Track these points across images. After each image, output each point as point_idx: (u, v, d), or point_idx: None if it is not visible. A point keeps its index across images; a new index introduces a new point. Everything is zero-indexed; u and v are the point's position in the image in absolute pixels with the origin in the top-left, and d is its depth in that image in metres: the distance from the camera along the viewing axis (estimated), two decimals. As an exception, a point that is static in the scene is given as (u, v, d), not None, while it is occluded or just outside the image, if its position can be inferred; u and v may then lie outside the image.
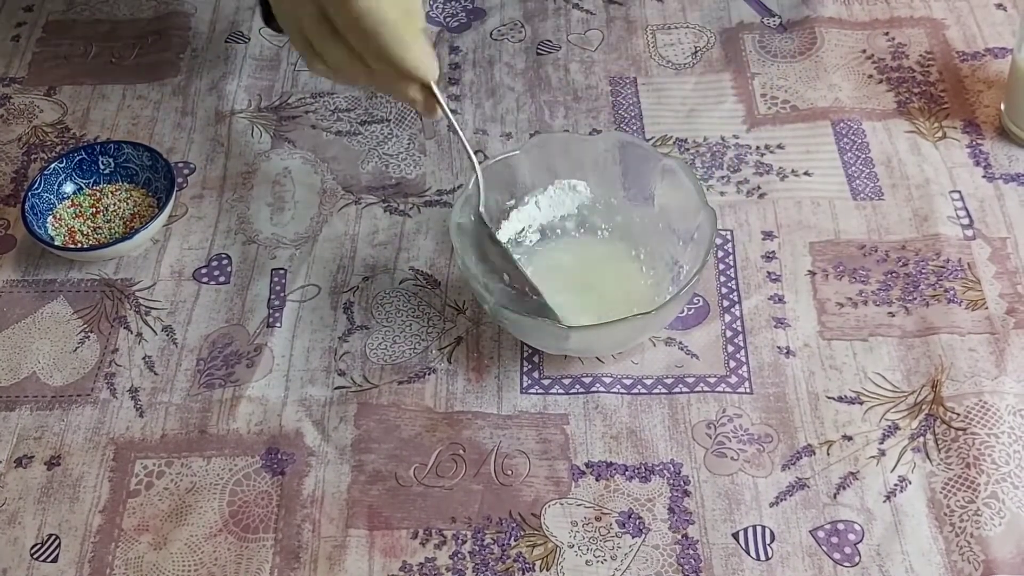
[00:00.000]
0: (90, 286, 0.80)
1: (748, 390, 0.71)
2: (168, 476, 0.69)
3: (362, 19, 0.62)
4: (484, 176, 0.73)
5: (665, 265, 0.75)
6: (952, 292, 0.76)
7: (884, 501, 0.66)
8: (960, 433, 0.68)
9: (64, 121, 0.91)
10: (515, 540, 0.66)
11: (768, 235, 0.80)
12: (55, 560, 0.66)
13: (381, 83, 0.67)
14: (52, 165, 0.83)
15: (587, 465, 0.69)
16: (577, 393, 0.72)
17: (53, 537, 0.67)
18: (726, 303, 0.76)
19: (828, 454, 0.68)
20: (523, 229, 0.78)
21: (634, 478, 0.68)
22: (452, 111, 0.90)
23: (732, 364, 0.73)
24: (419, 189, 0.85)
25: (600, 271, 0.76)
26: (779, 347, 0.74)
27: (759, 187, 0.83)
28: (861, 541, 0.65)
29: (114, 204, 0.83)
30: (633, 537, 0.66)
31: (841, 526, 0.65)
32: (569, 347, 0.71)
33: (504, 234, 0.77)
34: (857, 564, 0.64)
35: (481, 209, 0.72)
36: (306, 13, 0.65)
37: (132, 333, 0.77)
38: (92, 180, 0.84)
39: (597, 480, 0.68)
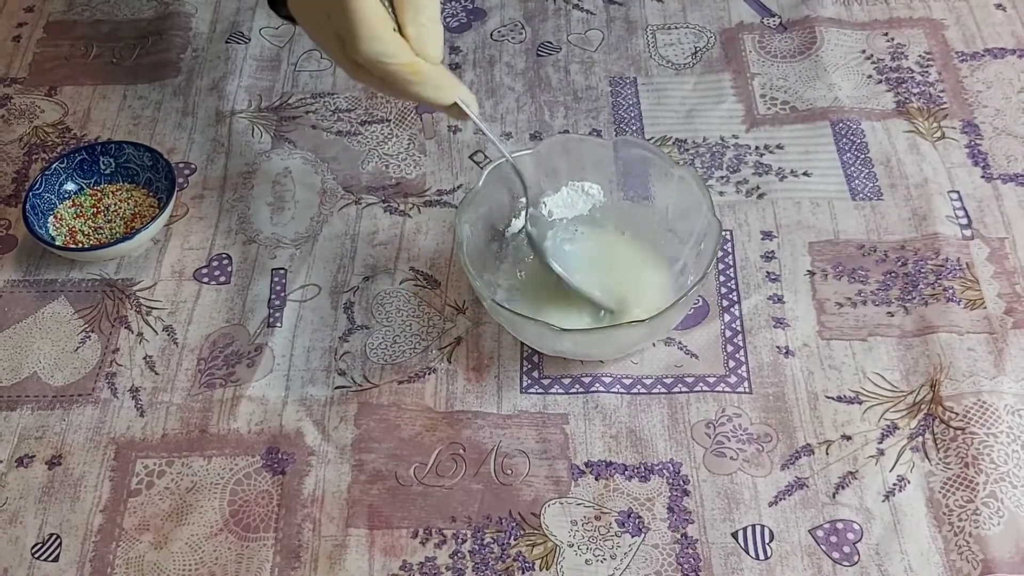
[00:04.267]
0: (91, 286, 0.80)
1: (747, 390, 0.72)
2: (169, 476, 0.69)
3: (371, 66, 0.61)
4: (489, 177, 0.73)
5: (667, 267, 0.75)
6: (951, 291, 0.76)
7: (883, 500, 0.66)
8: (959, 433, 0.68)
9: (65, 121, 0.91)
10: (515, 539, 0.66)
11: (767, 235, 0.80)
12: (56, 559, 0.66)
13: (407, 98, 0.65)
14: (53, 165, 0.83)
15: (587, 464, 0.69)
16: (577, 393, 0.72)
17: (54, 536, 0.67)
18: (725, 303, 0.76)
19: (827, 454, 0.68)
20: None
21: (633, 477, 0.68)
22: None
23: (731, 364, 0.73)
24: (419, 189, 0.85)
25: (619, 269, 0.76)
26: (778, 347, 0.74)
27: (758, 187, 0.83)
28: (860, 540, 0.65)
29: (115, 204, 0.83)
30: (632, 536, 0.66)
31: (840, 525, 0.65)
32: (565, 349, 0.71)
33: (512, 231, 0.77)
34: (856, 563, 0.64)
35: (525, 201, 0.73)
36: (327, 40, 0.63)
37: (133, 333, 0.77)
38: (93, 180, 0.85)
39: (597, 479, 0.68)
